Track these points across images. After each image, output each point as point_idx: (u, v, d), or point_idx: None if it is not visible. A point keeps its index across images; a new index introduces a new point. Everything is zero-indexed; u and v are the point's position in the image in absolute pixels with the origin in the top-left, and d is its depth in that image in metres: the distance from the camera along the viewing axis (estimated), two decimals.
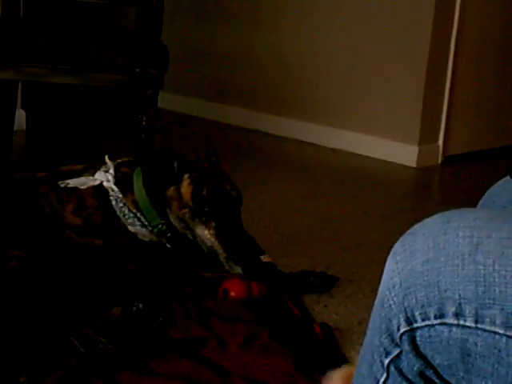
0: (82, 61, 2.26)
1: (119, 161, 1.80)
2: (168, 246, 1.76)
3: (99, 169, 1.76)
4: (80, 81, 2.31)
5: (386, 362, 0.75)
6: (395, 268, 0.73)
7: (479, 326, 0.67)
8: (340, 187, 2.94)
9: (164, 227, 1.74)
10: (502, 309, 0.66)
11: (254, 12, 3.85)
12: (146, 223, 1.73)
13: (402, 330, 0.72)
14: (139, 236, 1.73)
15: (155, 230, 1.74)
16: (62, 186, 1.68)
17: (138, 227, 1.72)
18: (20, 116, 3.36)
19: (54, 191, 1.68)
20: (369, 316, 0.79)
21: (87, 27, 2.53)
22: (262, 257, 2.01)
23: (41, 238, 1.61)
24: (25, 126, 3.49)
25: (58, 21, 2.80)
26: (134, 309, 1.56)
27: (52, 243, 1.62)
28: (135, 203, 1.73)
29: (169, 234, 1.75)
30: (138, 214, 1.72)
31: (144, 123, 2.27)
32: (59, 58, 2.24)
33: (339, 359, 1.50)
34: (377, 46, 3.40)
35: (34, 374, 1.31)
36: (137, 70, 2.26)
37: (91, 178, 1.74)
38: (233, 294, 1.69)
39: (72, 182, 1.70)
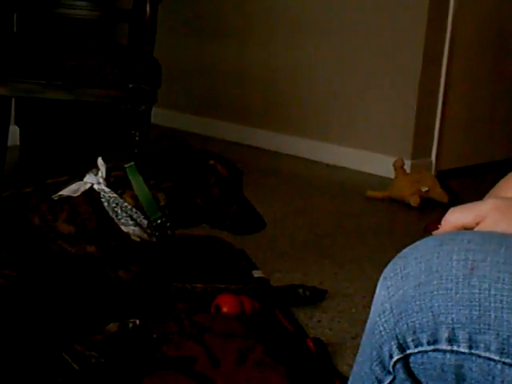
0: (75, 77, 2.26)
1: (110, 165, 1.78)
2: (159, 239, 1.75)
3: (88, 172, 1.74)
4: (73, 96, 2.31)
5: None
6: (386, 293, 0.71)
7: (473, 351, 0.65)
8: (333, 202, 2.95)
9: (164, 219, 1.73)
10: (498, 334, 0.63)
11: (246, 29, 3.87)
12: (144, 220, 1.71)
13: (395, 358, 0.69)
14: (132, 237, 1.71)
15: (154, 223, 1.72)
16: (56, 198, 1.67)
17: (131, 227, 1.69)
18: (14, 132, 3.36)
19: (46, 202, 1.66)
20: (362, 331, 0.78)
21: (80, 43, 2.54)
22: (254, 272, 2.01)
23: (30, 253, 1.59)
24: (18, 142, 3.49)
25: (51, 37, 2.81)
26: (131, 325, 1.55)
27: (42, 258, 1.60)
28: (134, 198, 1.72)
29: (168, 224, 1.74)
30: (134, 211, 1.70)
31: (137, 138, 2.28)
32: (52, 74, 2.25)
33: (333, 374, 1.50)
34: (370, 61, 3.41)
35: None
36: (130, 85, 2.26)
37: (81, 182, 1.72)
38: (225, 309, 1.68)
39: (65, 192, 1.69)
